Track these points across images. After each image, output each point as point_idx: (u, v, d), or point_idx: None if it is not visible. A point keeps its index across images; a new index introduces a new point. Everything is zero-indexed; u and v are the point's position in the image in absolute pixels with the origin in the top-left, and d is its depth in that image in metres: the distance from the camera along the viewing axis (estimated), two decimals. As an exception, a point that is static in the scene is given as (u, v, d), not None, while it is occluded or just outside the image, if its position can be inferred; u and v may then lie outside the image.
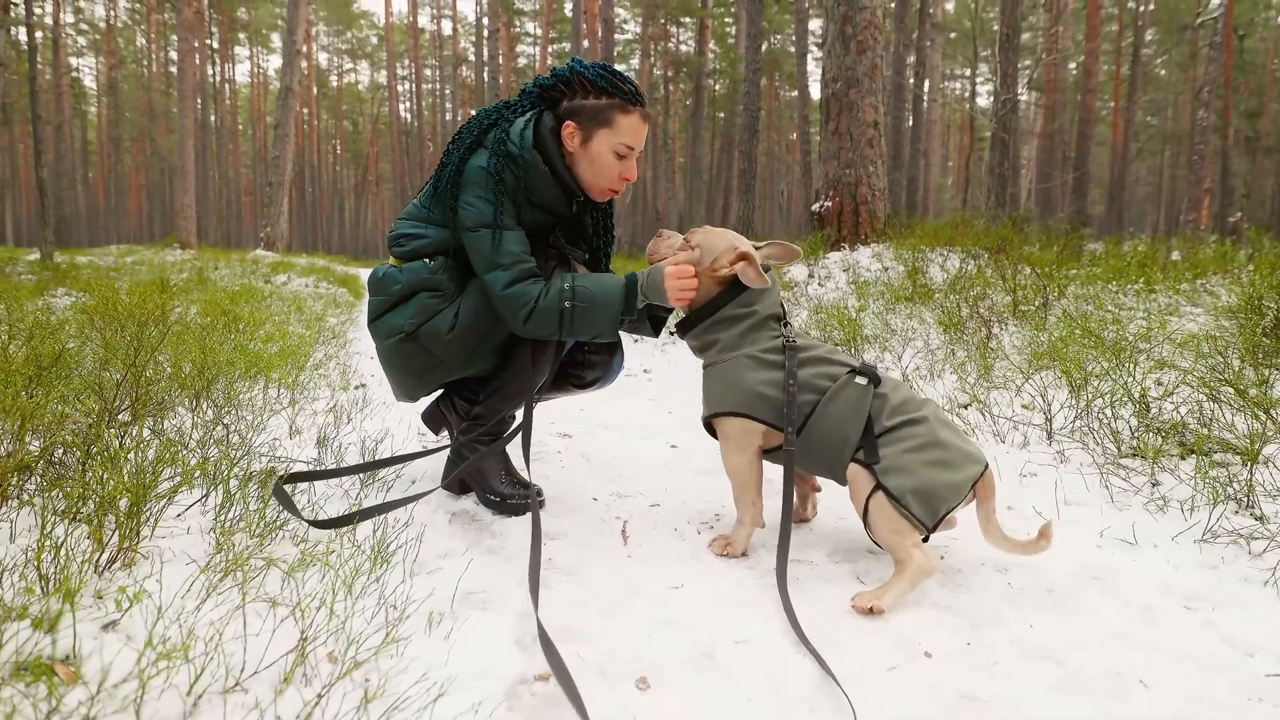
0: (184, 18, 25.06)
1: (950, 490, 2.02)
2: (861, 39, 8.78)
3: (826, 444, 2.16)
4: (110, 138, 56.49)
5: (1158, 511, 2.52)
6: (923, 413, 2.13)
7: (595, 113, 2.36)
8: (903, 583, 1.95)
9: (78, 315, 4.84)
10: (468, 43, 56.15)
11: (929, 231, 8.61)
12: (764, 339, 2.27)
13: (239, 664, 1.42)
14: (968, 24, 33.81)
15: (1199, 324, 4.61)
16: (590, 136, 2.37)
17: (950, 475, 2.03)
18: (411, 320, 2.43)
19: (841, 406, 2.15)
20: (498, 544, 2.29)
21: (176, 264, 13.28)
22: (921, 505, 2.00)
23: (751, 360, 2.24)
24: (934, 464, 2.04)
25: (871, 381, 2.17)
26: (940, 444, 2.07)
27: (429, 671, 1.52)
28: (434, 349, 2.44)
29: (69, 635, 1.41)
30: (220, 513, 2.08)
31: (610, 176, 2.43)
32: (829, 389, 2.18)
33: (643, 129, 2.42)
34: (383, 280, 2.50)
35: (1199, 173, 23.05)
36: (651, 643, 1.74)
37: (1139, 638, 1.82)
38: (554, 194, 2.44)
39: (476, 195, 2.35)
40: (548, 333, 2.34)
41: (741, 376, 2.23)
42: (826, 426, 2.15)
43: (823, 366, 2.22)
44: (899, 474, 2.03)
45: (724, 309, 2.30)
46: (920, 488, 2.01)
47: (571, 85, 2.38)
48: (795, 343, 2.25)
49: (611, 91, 2.36)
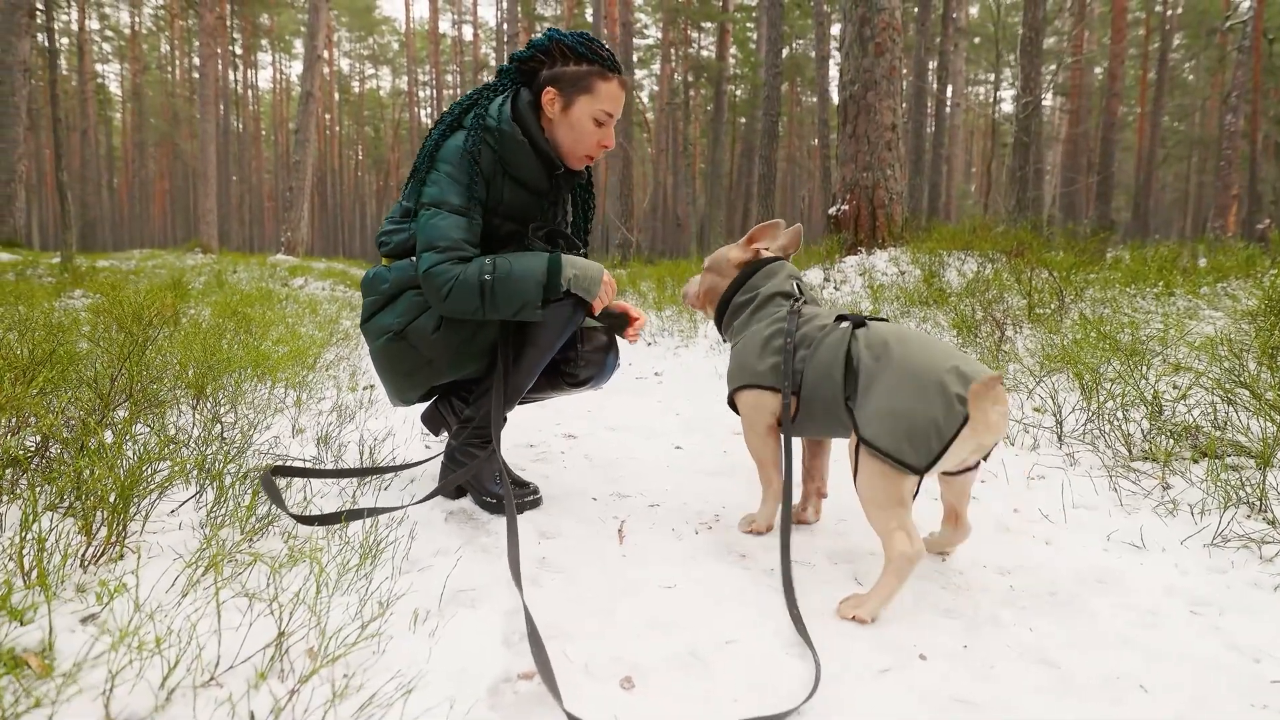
0: (207, 24, 25.31)
1: (937, 421, 1.82)
2: (879, 41, 8.74)
3: (822, 397, 2.08)
4: (135, 143, 57.14)
5: (1167, 515, 2.47)
6: (904, 339, 1.99)
7: (575, 79, 2.37)
8: (887, 580, 1.86)
9: (90, 316, 4.86)
10: (488, 48, 56.40)
11: (947, 235, 8.55)
12: (770, 314, 2.30)
13: (214, 658, 1.40)
14: (991, 28, 33.61)
15: (1217, 327, 4.54)
16: (571, 102, 2.38)
17: (937, 400, 1.83)
18: (399, 319, 2.42)
19: (823, 353, 2.10)
20: (492, 542, 2.26)
21: (196, 267, 13.37)
22: (906, 443, 1.83)
23: (756, 335, 2.27)
24: (918, 393, 1.85)
25: (854, 325, 2.10)
26: (924, 372, 1.88)
27: (406, 668, 1.50)
28: (421, 347, 2.42)
29: (46, 627, 1.39)
30: (214, 509, 2.07)
31: (589, 143, 2.44)
32: (816, 339, 2.15)
33: (621, 96, 2.44)
34: (372, 280, 2.49)
35: (1226, 179, 22.79)
36: (640, 642, 1.71)
37: (1141, 641, 1.77)
38: (532, 165, 2.43)
39: (445, 173, 2.34)
40: (470, 309, 2.30)
41: (747, 352, 2.27)
42: (815, 378, 2.10)
43: (818, 321, 2.20)
44: (875, 417, 1.89)
45: (733, 299, 2.42)
46: (899, 426, 1.84)
47: (550, 54, 2.40)
48: (801, 310, 2.25)
49: (591, 58, 2.37)
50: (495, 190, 2.41)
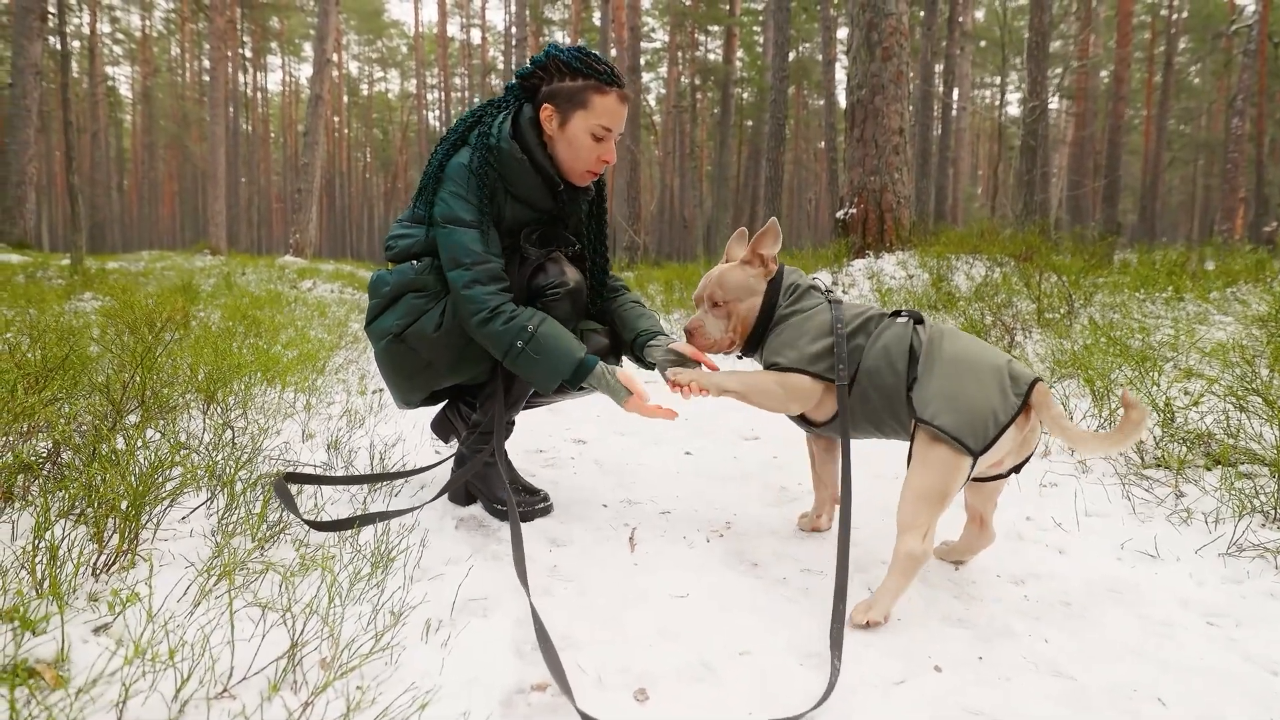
0: (217, 27, 25.37)
1: (994, 407, 1.88)
2: (887, 45, 8.73)
3: (881, 386, 2.05)
4: (144, 145, 57.30)
5: (1181, 524, 2.45)
6: (954, 333, 2.06)
7: (571, 94, 2.36)
8: (894, 579, 1.88)
9: (100, 319, 4.87)
10: (496, 51, 56.41)
11: (954, 239, 8.53)
12: (811, 305, 2.24)
13: (226, 669, 1.40)
14: (997, 32, 33.56)
15: (1228, 333, 4.52)
16: (568, 118, 2.37)
17: (994, 388, 1.90)
18: (400, 321, 2.42)
19: (887, 343, 2.07)
20: (503, 550, 2.25)
21: (205, 269, 13.39)
22: (966, 425, 1.86)
23: (802, 319, 2.20)
24: (976, 381, 1.92)
25: (913, 319, 2.12)
26: (980, 362, 1.96)
27: (420, 679, 1.49)
28: (421, 350, 2.42)
29: (59, 638, 1.39)
30: (224, 516, 2.07)
31: (588, 159, 2.43)
32: (874, 332, 2.12)
33: (620, 110, 2.41)
34: (375, 284, 2.50)
35: (1233, 182, 22.73)
36: (652, 652, 1.70)
37: (1156, 653, 1.76)
38: (532, 184, 2.43)
39: (451, 192, 2.35)
40: (491, 351, 2.34)
41: (794, 333, 2.19)
42: (875, 366, 2.06)
43: (861, 312, 2.18)
44: (935, 398, 1.92)
45: (780, 302, 2.28)
46: (960, 407, 1.88)
47: (548, 70, 2.39)
48: (838, 299, 2.24)
49: (586, 73, 2.35)
50: (496, 207, 2.42)
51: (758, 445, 3.52)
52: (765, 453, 3.39)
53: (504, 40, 45.28)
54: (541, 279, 2.44)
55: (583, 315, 2.57)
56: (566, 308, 2.44)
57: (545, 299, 2.42)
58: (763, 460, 3.29)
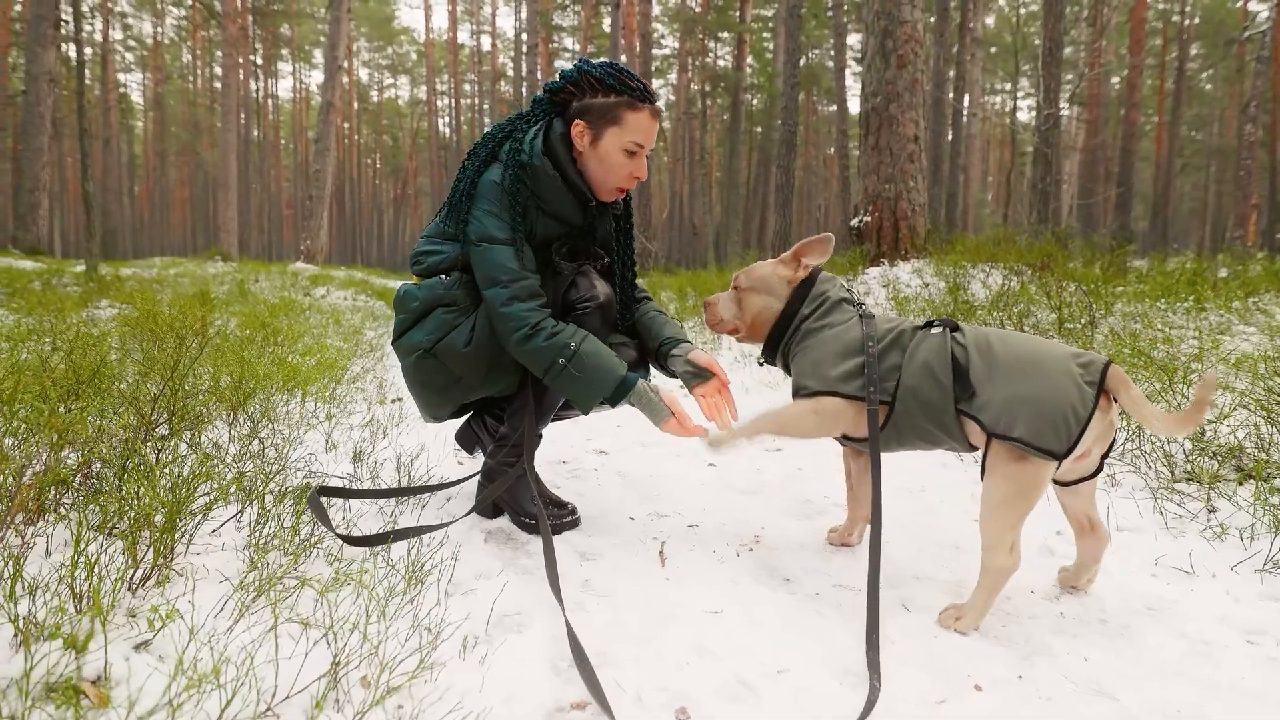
0: (229, 34, 25.51)
1: (1072, 403, 1.82)
2: (902, 53, 8.71)
3: (925, 401, 2.00)
4: (156, 151, 57.61)
5: (1215, 539, 2.43)
6: (1003, 335, 2.00)
7: (603, 111, 2.35)
8: (983, 594, 1.90)
9: (120, 327, 4.88)
10: (506, 58, 56.51)
11: (970, 247, 8.49)
12: (842, 320, 2.19)
13: (270, 688, 1.39)
14: (1008, 38, 33.52)
15: (1253, 344, 4.49)
16: (600, 135, 2.36)
17: (1066, 383, 1.84)
18: (430, 336, 2.41)
19: (925, 357, 2.02)
20: (533, 564, 2.25)
21: (218, 276, 13.43)
22: (1047, 429, 1.82)
23: (829, 338, 2.15)
24: (1044, 379, 1.85)
25: (947, 328, 2.06)
26: (1043, 358, 1.90)
27: (464, 700, 1.48)
28: (452, 364, 2.42)
29: (100, 655, 1.38)
30: (255, 529, 2.06)
31: (620, 175, 2.41)
32: (908, 347, 2.07)
33: (652, 126, 2.40)
34: (403, 298, 2.49)
35: (1245, 188, 22.65)
36: (690, 670, 1.69)
37: (1197, 673, 1.74)
38: (564, 200, 2.43)
39: (485, 209, 2.35)
40: (532, 369, 2.35)
41: (821, 354, 2.14)
42: (916, 383, 2.01)
43: (894, 325, 2.13)
44: (1007, 408, 1.86)
45: (802, 309, 2.26)
46: (1035, 412, 1.82)
47: (580, 85, 2.38)
48: (870, 313, 2.19)
49: (619, 89, 2.34)
50: (529, 223, 2.42)
51: (780, 457, 3.51)
52: (789, 465, 3.38)
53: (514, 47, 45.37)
54: (573, 293, 2.44)
55: (612, 329, 2.57)
56: (597, 321, 2.43)
57: (576, 313, 2.41)
58: (786, 472, 3.28)
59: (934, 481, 3.13)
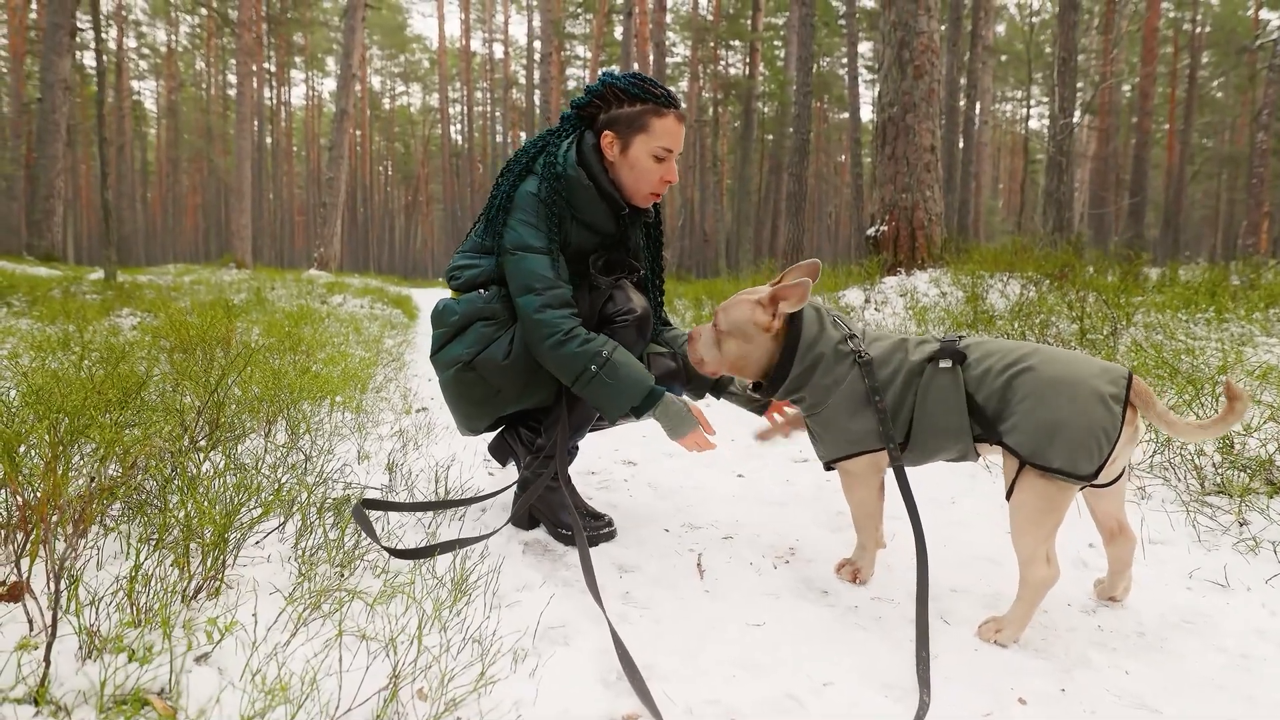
0: (243, 42, 25.64)
1: (1102, 425, 1.83)
2: (919, 64, 8.74)
3: (944, 429, 2.03)
4: (169, 159, 57.89)
5: (1249, 552, 2.44)
6: (1023, 354, 1.98)
7: (631, 120, 2.41)
8: (1024, 606, 1.93)
9: (144, 337, 4.93)
10: (519, 66, 56.80)
11: (987, 256, 8.50)
12: (844, 371, 2.14)
13: (332, 701, 1.41)
14: (1020, 46, 33.49)
15: (1276, 355, 4.49)
16: (629, 143, 2.42)
17: (1095, 404, 1.84)
18: (469, 349, 2.45)
19: (938, 395, 2.02)
20: (572, 576, 2.27)
21: (234, 284, 13.49)
22: (1079, 454, 1.83)
23: (843, 395, 2.13)
24: (1071, 403, 1.85)
25: (955, 361, 2.04)
26: (1069, 379, 1.89)
27: (521, 712, 1.50)
28: (491, 377, 2.45)
29: (162, 667, 1.41)
30: (299, 540, 2.09)
31: (651, 180, 2.47)
32: (917, 387, 2.07)
33: (679, 130, 2.46)
34: (442, 313, 2.53)
35: (1258, 196, 22.58)
36: (737, 683, 1.71)
37: (1239, 687, 1.75)
38: (598, 209, 2.48)
39: (520, 220, 2.40)
40: (561, 376, 2.37)
41: (839, 416, 2.14)
42: (931, 424, 2.04)
43: (903, 367, 2.10)
44: (1036, 434, 1.87)
45: (792, 370, 2.18)
46: (1066, 438, 1.83)
47: (605, 98, 2.44)
48: (868, 357, 2.12)
49: (644, 97, 2.41)
50: (564, 234, 2.47)
51: (808, 468, 3.53)
52: (818, 476, 3.39)
53: (526, 55, 45.51)
54: (610, 307, 2.47)
55: (647, 341, 2.60)
56: (633, 335, 2.47)
57: (614, 325, 2.45)
58: (816, 483, 3.30)
59: (963, 493, 3.14)
